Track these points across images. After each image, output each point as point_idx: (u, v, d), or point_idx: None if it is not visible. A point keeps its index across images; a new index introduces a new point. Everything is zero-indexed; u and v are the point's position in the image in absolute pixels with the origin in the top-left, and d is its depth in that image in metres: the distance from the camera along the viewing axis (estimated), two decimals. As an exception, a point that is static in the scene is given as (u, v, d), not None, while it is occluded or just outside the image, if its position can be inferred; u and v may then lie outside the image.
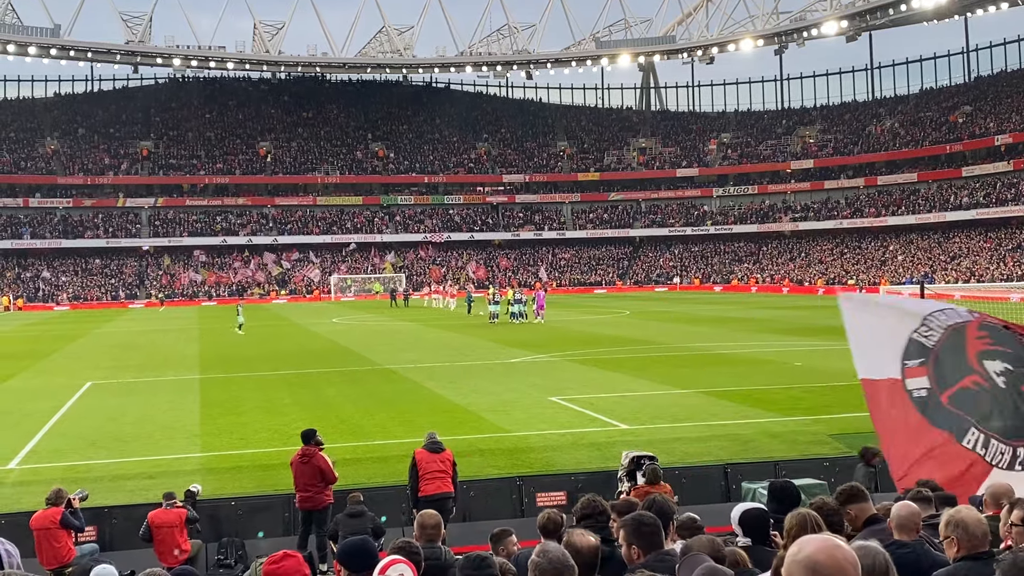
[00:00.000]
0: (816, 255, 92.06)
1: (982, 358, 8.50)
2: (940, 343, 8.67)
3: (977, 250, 79.54)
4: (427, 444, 12.15)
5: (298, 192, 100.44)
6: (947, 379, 8.52)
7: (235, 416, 21.58)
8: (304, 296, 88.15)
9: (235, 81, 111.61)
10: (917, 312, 9.00)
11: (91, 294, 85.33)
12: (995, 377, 8.38)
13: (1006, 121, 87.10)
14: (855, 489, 6.40)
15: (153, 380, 28.44)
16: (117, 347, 40.60)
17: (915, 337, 8.74)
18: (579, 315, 55.08)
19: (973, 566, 4.81)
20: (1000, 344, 8.56)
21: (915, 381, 8.58)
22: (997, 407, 8.32)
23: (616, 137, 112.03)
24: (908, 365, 8.67)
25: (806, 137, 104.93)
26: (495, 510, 12.87)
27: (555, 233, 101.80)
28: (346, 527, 10.60)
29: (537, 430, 18.92)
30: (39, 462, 17.38)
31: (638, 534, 5.19)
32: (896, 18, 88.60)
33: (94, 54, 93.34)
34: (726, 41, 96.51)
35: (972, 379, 8.44)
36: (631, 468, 11.61)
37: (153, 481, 15.18)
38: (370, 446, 17.66)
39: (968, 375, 8.48)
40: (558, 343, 36.66)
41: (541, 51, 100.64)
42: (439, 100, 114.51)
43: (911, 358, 8.69)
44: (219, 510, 12.52)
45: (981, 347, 8.58)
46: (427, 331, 45.74)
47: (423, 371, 28.64)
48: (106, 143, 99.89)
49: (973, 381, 8.43)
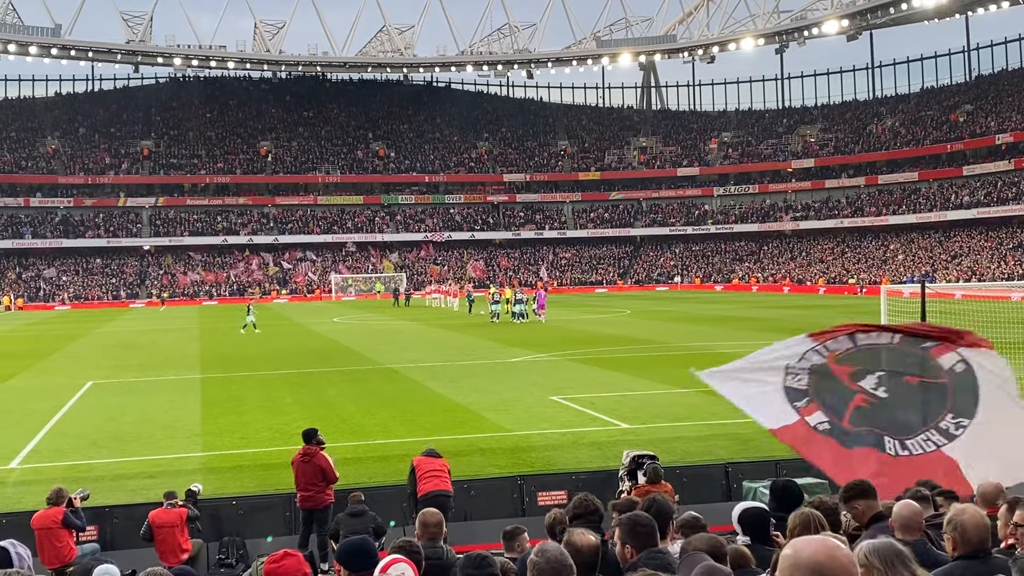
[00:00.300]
0: (817, 254, 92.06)
1: (855, 380, 9.09)
2: (811, 384, 9.19)
3: (978, 249, 79.52)
4: (424, 452, 12.24)
5: (299, 192, 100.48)
6: (838, 407, 8.99)
7: (236, 415, 21.58)
8: (305, 296, 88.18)
9: (236, 80, 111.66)
10: (775, 366, 9.46)
11: (92, 294, 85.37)
12: (874, 391, 8.98)
13: (1007, 120, 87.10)
14: (864, 485, 6.41)
15: (154, 379, 28.44)
16: (118, 347, 40.62)
17: (788, 385, 9.25)
18: (580, 314, 55.09)
19: (970, 565, 4.83)
20: (859, 363, 9.18)
21: (813, 417, 9.01)
22: (891, 412, 8.89)
23: (617, 136, 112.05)
24: (799, 406, 9.11)
25: (807, 136, 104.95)
26: (496, 509, 12.88)
27: (556, 232, 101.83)
28: (347, 527, 10.60)
29: (538, 429, 18.92)
30: (40, 461, 17.38)
31: (633, 534, 5.22)
32: (897, 17, 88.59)
33: (95, 54, 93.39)
34: (727, 40, 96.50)
35: (860, 398, 8.98)
36: (632, 467, 11.62)
37: (154, 481, 15.18)
38: (371, 445, 17.66)
39: (854, 396, 9.01)
40: (559, 342, 36.66)
41: (542, 50, 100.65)
42: (440, 99, 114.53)
43: (797, 400, 9.15)
44: (220, 509, 12.52)
45: (848, 371, 9.15)
46: (428, 330, 45.75)
47: (424, 370, 28.64)
48: (107, 143, 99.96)
49: (861, 399, 8.97)
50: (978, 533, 4.89)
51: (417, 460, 12.04)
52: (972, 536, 4.88)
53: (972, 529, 4.89)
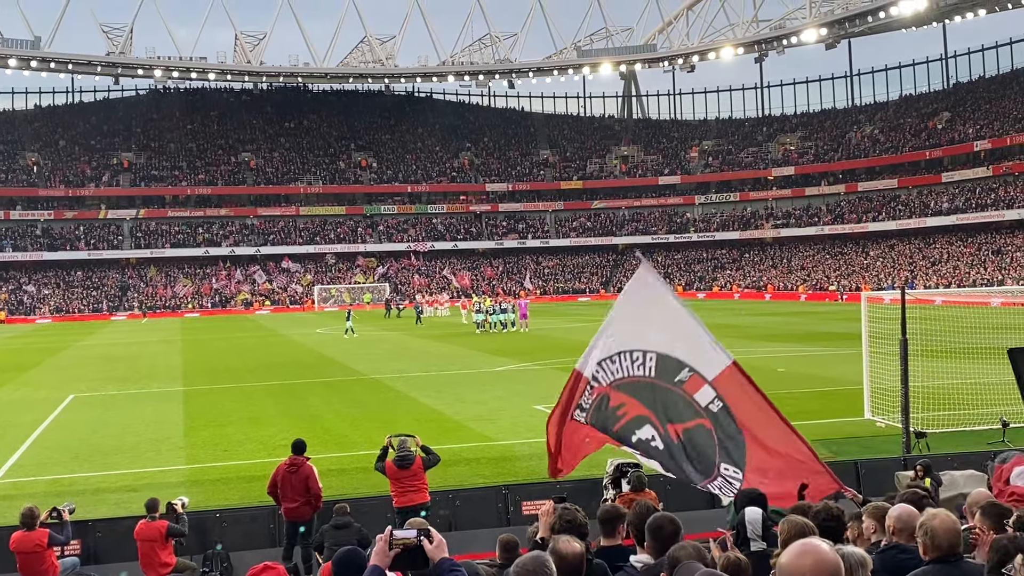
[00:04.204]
0: (798, 261, 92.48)
1: (632, 429, 8.60)
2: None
3: (958, 255, 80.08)
4: (396, 459, 12.25)
5: (281, 202, 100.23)
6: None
7: (219, 428, 21.51)
8: (288, 306, 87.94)
9: (217, 92, 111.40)
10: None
11: (73, 306, 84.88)
12: (650, 441, 8.50)
13: (985, 127, 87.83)
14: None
15: (136, 392, 28.31)
16: (100, 359, 40.40)
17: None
18: (563, 323, 55.13)
19: (941, 569, 4.88)
20: (636, 399, 8.60)
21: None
22: (677, 463, 8.38)
23: (598, 145, 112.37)
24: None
25: (787, 144, 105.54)
26: (481, 519, 12.89)
27: (539, 241, 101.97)
28: (332, 538, 10.60)
29: (523, 438, 18.94)
30: (23, 476, 17.28)
31: (655, 535, 5.43)
32: (875, 25, 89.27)
33: (75, 66, 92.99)
34: (707, 49, 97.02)
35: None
36: (616, 476, 11.67)
37: (137, 494, 15.10)
38: (356, 456, 17.63)
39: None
40: (543, 351, 36.71)
41: (523, 60, 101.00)
42: (421, 109, 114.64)
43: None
44: (204, 522, 12.47)
45: (627, 408, 8.65)
46: (412, 340, 45.71)
47: (409, 381, 28.63)
48: (87, 155, 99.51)
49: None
50: (948, 538, 4.94)
51: (390, 467, 12.29)
52: (942, 541, 4.93)
53: (943, 534, 4.94)
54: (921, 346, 19.92)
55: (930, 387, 19.89)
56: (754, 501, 6.48)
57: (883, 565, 5.30)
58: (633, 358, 8.58)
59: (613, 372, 8.72)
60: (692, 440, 8.29)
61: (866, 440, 17.51)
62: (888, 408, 18.40)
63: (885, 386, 18.66)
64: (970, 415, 19.04)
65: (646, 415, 8.48)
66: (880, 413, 19.23)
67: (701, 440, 8.23)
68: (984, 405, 19.24)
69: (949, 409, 19.33)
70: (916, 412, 17.20)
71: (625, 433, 8.68)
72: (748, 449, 8.06)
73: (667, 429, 8.38)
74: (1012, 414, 17.49)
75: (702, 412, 8.22)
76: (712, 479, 8.19)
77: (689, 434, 8.30)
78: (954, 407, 19.52)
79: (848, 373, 24.66)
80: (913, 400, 16.54)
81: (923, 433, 16.60)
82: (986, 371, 21.26)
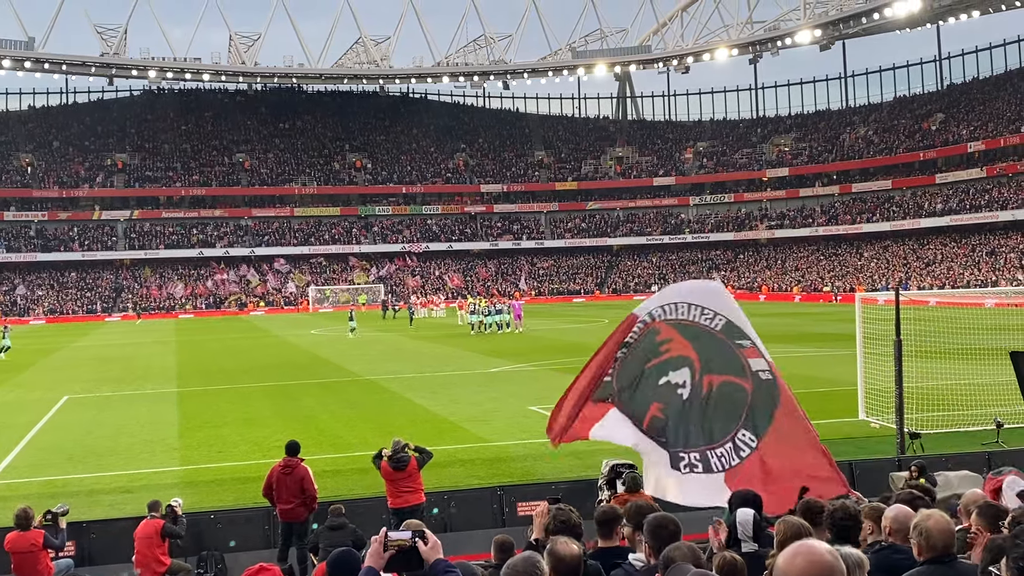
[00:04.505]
0: (792, 262, 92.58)
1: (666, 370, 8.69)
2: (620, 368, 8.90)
3: (951, 256, 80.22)
4: (391, 460, 12.23)
5: (275, 203, 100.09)
6: (638, 411, 8.66)
7: (214, 429, 21.48)
8: (283, 307, 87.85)
9: (211, 92, 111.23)
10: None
11: (67, 307, 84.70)
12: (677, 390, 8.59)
13: (979, 128, 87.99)
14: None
15: (131, 393, 28.27)
16: (94, 360, 40.33)
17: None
18: (558, 324, 55.16)
19: (936, 570, 4.90)
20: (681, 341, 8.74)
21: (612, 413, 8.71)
22: (685, 422, 8.48)
23: (593, 146, 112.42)
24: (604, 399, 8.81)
25: (781, 145, 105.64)
26: (476, 520, 12.90)
27: (533, 242, 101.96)
28: (327, 539, 10.59)
29: (518, 439, 18.96)
30: (17, 477, 17.25)
31: (655, 536, 5.38)
32: (869, 27, 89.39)
33: (69, 67, 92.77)
34: (701, 50, 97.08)
35: (656, 406, 8.57)
36: (611, 476, 11.64)
37: (131, 495, 15.10)
38: (351, 458, 17.62)
39: (651, 404, 8.64)
40: (538, 352, 36.71)
41: (517, 61, 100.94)
42: (416, 110, 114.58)
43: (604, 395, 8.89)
44: (199, 524, 12.46)
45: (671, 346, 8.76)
46: (407, 341, 45.69)
47: (404, 382, 28.62)
48: (81, 156, 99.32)
49: (657, 408, 8.56)
50: (943, 538, 4.95)
51: (385, 470, 12.30)
52: (937, 541, 4.94)
53: (937, 534, 4.95)
54: (915, 347, 19.95)
55: (924, 388, 19.92)
56: (747, 503, 6.47)
57: (877, 565, 5.31)
58: (704, 312, 8.87)
59: (675, 313, 8.96)
60: (723, 394, 8.48)
61: (860, 441, 17.53)
62: (882, 409, 18.43)
63: (879, 387, 18.69)
64: (964, 416, 19.08)
65: (690, 357, 8.66)
66: (874, 414, 19.26)
67: (734, 397, 8.43)
68: (978, 406, 19.29)
69: (943, 410, 19.37)
70: (910, 413, 17.23)
71: (648, 392, 8.72)
72: (771, 430, 8.26)
73: (702, 379, 8.53)
74: (1006, 415, 17.55)
75: (749, 375, 8.47)
76: (717, 444, 8.29)
77: (724, 388, 8.49)
78: (948, 408, 19.56)
79: (842, 374, 24.71)
80: (907, 401, 16.57)
81: (917, 434, 16.63)
82: (980, 372, 21.34)
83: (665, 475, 8.43)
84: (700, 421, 8.42)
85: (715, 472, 8.16)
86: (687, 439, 8.40)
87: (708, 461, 8.28)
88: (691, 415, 8.46)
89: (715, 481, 8.12)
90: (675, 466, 8.32)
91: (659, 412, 8.56)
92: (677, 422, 8.49)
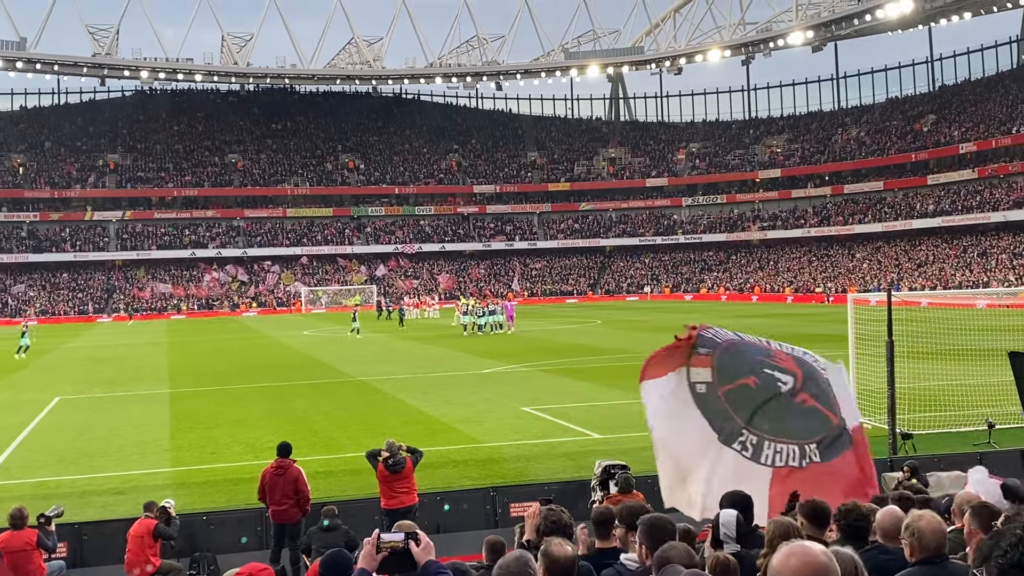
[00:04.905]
0: (784, 263, 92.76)
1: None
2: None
3: (943, 257, 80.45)
4: (387, 463, 12.19)
5: (268, 204, 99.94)
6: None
7: (206, 430, 21.44)
8: (275, 308, 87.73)
9: (203, 93, 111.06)
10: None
11: (59, 308, 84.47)
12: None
13: (970, 129, 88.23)
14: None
15: (123, 395, 28.20)
16: (86, 361, 40.22)
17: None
18: (551, 325, 55.17)
19: (928, 570, 4.91)
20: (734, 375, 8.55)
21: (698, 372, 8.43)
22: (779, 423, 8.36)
23: (586, 147, 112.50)
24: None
25: (773, 147, 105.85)
26: (469, 521, 12.89)
27: (526, 243, 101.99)
28: (320, 541, 10.58)
29: (511, 440, 18.95)
30: (9, 478, 17.19)
31: (650, 536, 5.40)
32: (861, 28, 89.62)
33: (61, 67, 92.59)
34: (694, 52, 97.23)
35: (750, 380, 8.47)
36: (604, 477, 11.66)
37: (123, 496, 15.07)
38: (343, 459, 17.60)
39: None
40: (531, 353, 36.71)
41: (510, 62, 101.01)
42: (409, 111, 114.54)
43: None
44: (191, 525, 12.44)
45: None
46: (400, 342, 45.67)
47: (396, 383, 28.59)
48: (73, 156, 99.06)
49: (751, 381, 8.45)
50: (935, 539, 4.96)
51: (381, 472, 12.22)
52: (929, 542, 4.95)
53: (929, 535, 4.96)
54: (907, 348, 19.99)
55: (916, 388, 19.97)
56: (736, 503, 6.47)
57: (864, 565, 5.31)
58: (816, 359, 8.89)
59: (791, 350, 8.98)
60: (811, 412, 8.40)
61: (853, 441, 17.52)
62: (875, 409, 18.44)
63: (871, 387, 18.71)
64: (956, 416, 19.14)
65: (796, 372, 8.59)
66: (867, 414, 19.26)
67: (820, 419, 8.36)
68: (970, 406, 19.35)
69: (935, 410, 19.43)
70: (902, 413, 17.27)
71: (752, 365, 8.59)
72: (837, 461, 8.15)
73: (800, 391, 8.48)
74: (998, 415, 17.60)
75: (837, 414, 8.39)
76: (783, 441, 8.15)
77: (815, 410, 8.42)
78: (940, 408, 19.62)
79: (835, 375, 24.67)
80: (899, 401, 16.60)
81: (909, 434, 16.67)
82: (972, 373, 21.38)
83: (699, 457, 8.29)
84: (781, 416, 8.34)
85: (762, 465, 8.06)
86: (758, 422, 8.26)
87: (761, 451, 8.10)
88: (777, 406, 8.37)
89: (755, 471, 7.97)
90: (726, 441, 8.13)
91: (752, 384, 8.42)
92: (761, 404, 8.36)
